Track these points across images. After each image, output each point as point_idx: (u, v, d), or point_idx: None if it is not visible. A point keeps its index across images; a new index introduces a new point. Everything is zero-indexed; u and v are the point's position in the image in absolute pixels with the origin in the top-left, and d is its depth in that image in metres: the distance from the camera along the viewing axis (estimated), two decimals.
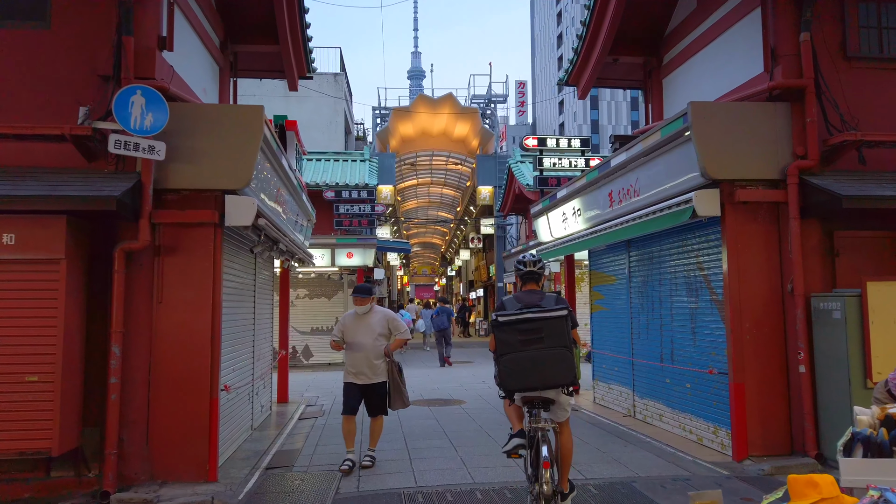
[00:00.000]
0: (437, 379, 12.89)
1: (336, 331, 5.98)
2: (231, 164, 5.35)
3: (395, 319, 5.96)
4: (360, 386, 5.81)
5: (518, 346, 3.96)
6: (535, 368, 3.92)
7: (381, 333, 5.82)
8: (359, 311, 5.88)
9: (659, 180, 6.61)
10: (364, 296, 5.87)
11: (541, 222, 10.93)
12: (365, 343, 5.75)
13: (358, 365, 5.78)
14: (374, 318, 5.87)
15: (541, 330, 3.96)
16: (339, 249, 15.06)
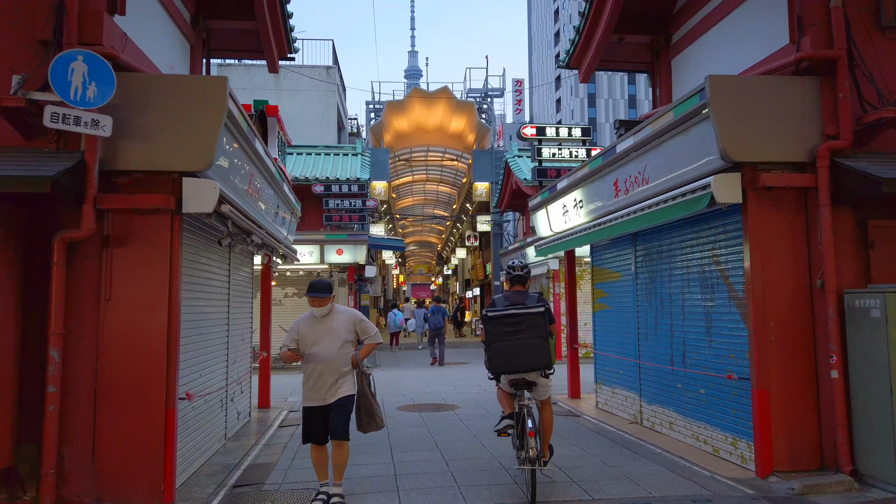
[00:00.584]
0: (430, 381, 12.26)
1: (288, 339, 4.71)
2: (190, 143, 4.71)
3: (362, 320, 4.81)
4: (321, 408, 4.60)
5: (503, 337, 4.85)
6: (517, 354, 4.80)
7: (346, 339, 4.67)
8: (316, 313, 4.69)
9: (671, 166, 5.99)
10: (321, 294, 4.64)
11: (539, 216, 10.30)
12: (327, 352, 4.59)
13: (319, 381, 4.58)
14: (337, 320, 4.69)
15: (522, 323, 4.85)
16: (329, 246, 14.42)
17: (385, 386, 11.62)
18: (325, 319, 4.71)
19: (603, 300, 8.93)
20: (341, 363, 4.63)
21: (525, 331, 4.81)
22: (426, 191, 35.82)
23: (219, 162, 4.99)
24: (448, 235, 44.74)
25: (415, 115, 25.03)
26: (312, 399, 4.66)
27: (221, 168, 5.11)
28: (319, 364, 4.61)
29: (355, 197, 14.99)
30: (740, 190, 5.25)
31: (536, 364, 4.80)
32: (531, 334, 4.81)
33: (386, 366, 15.82)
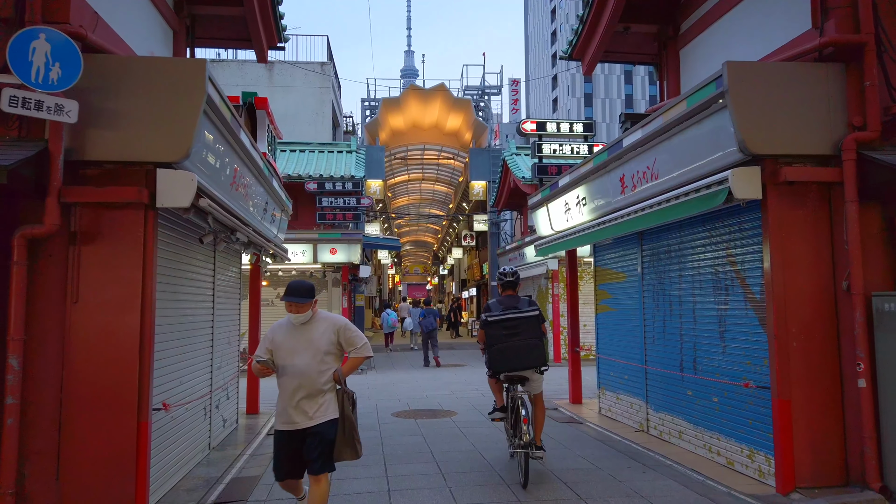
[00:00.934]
0: (427, 385, 11.87)
1: (261, 349, 4.03)
2: (166, 131, 4.32)
3: (347, 328, 4.04)
4: (296, 433, 3.89)
5: (503, 339, 5.39)
6: (515, 355, 5.35)
7: (328, 351, 3.92)
8: (295, 320, 3.96)
9: (683, 160, 5.63)
10: (300, 299, 3.88)
11: (540, 214, 9.93)
12: (305, 366, 3.87)
13: (295, 400, 3.86)
14: (318, 328, 3.97)
15: (518, 326, 5.40)
16: (322, 245, 14.03)
17: (379, 390, 11.24)
18: (305, 328, 3.97)
19: (606, 301, 8.57)
20: (321, 379, 3.90)
21: (521, 333, 5.40)
22: (422, 190, 35.43)
23: (198, 152, 4.60)
24: (444, 235, 44.38)
25: (411, 113, 24.64)
26: (286, 421, 3.90)
27: (201, 159, 4.72)
28: (295, 379, 3.88)
29: (349, 195, 14.60)
30: (760, 185, 4.89)
31: (532, 363, 5.39)
32: (527, 336, 5.41)
33: (381, 368, 15.44)
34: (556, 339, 15.34)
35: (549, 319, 15.74)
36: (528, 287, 18.16)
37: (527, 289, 18.31)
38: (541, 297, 16.70)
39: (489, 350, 5.49)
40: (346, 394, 4.00)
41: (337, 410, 3.95)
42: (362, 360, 4.12)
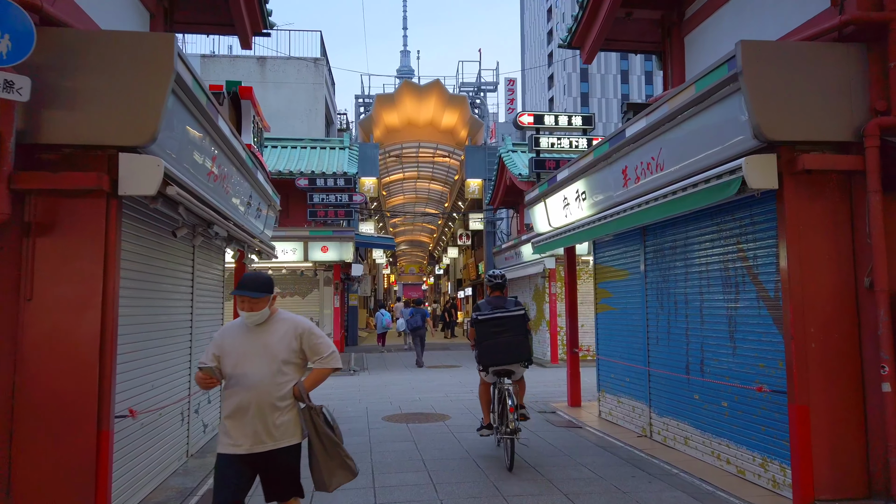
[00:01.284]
0: (420, 387, 11.50)
1: (206, 356, 3.33)
2: (130, 112, 3.94)
3: (312, 333, 3.38)
4: (245, 459, 3.19)
5: (491, 336, 5.85)
6: (503, 350, 5.82)
7: (287, 360, 3.28)
8: (248, 320, 3.29)
9: (691, 149, 5.27)
10: (254, 294, 3.21)
11: (537, 210, 9.58)
12: (257, 377, 3.21)
13: (245, 418, 3.18)
14: (276, 332, 3.31)
15: (506, 324, 5.86)
16: (313, 243, 13.65)
17: (371, 392, 10.86)
18: (260, 330, 3.31)
19: (607, 301, 8.22)
20: (278, 394, 3.22)
21: (508, 331, 5.86)
22: (417, 188, 35.07)
23: (167, 137, 4.22)
24: (440, 234, 44.02)
25: (405, 110, 24.29)
26: (233, 443, 3.18)
27: (172, 145, 4.34)
28: (246, 392, 3.19)
29: (342, 191, 14.22)
30: (776, 174, 4.53)
31: (518, 358, 5.88)
32: (513, 333, 5.87)
33: (373, 368, 15.05)
34: (553, 340, 14.99)
35: (546, 319, 15.41)
36: (525, 286, 17.81)
37: (523, 288, 17.97)
38: (537, 297, 16.35)
39: (479, 346, 5.97)
40: (313, 410, 3.34)
41: (298, 433, 3.33)
42: (328, 374, 3.44)
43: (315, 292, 14.88)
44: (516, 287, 18.75)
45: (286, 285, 14.72)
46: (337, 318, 14.39)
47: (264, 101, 24.07)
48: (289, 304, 14.67)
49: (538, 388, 11.13)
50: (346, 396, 10.36)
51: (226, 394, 3.32)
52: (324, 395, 10.34)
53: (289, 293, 14.80)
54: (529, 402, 9.32)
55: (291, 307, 14.72)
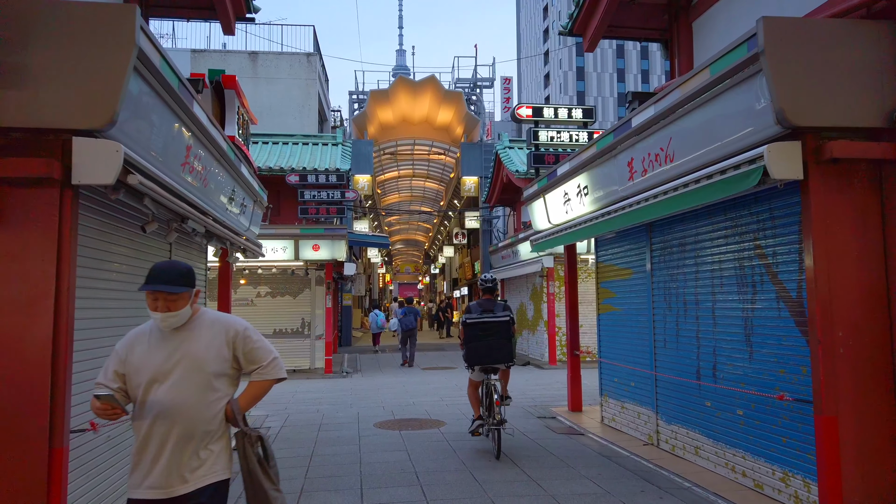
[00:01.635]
0: (414, 390, 11.09)
1: (105, 375, 2.61)
2: (86, 92, 3.52)
3: (248, 337, 2.68)
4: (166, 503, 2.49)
5: (479, 338, 6.38)
6: (489, 352, 6.36)
7: (218, 372, 2.59)
8: (162, 323, 2.55)
9: (705, 137, 4.88)
10: (172, 288, 2.50)
11: (536, 206, 9.19)
12: (180, 397, 2.51)
13: (163, 451, 2.49)
14: (202, 337, 2.60)
15: (492, 328, 6.39)
16: (304, 241, 13.21)
17: (363, 395, 10.45)
18: (180, 336, 2.57)
19: (610, 301, 7.83)
20: (206, 415, 2.52)
21: (494, 334, 6.41)
22: (412, 187, 34.66)
23: (131, 121, 3.80)
24: (435, 234, 43.64)
25: (400, 106, 23.87)
26: (150, 485, 2.48)
27: (135, 130, 3.93)
28: (164, 420, 2.48)
29: (334, 188, 13.79)
30: (801, 162, 4.14)
31: (502, 360, 6.44)
32: (499, 337, 6.42)
33: (367, 370, 14.64)
34: (551, 341, 14.60)
35: (544, 320, 15.03)
36: (522, 286, 17.43)
37: (520, 287, 17.58)
38: (535, 296, 15.96)
39: (467, 346, 6.48)
40: (248, 438, 2.61)
41: (228, 467, 2.61)
42: (269, 387, 2.74)
43: (306, 292, 14.44)
44: (513, 287, 18.36)
45: (276, 285, 14.29)
46: (329, 318, 13.96)
47: (256, 97, 23.63)
48: (280, 304, 14.25)
49: (536, 390, 10.74)
50: (337, 400, 9.95)
51: (137, 425, 2.52)
52: (312, 400, 9.92)
53: (279, 293, 14.36)
54: (528, 406, 8.95)
55: (283, 307, 14.31)
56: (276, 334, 14.11)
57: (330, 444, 6.87)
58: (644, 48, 76.18)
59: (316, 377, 13.31)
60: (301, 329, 14.41)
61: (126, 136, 3.77)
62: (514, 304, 18.15)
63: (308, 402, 9.86)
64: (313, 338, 14.39)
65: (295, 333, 14.36)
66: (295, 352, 14.35)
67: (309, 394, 10.74)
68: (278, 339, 14.15)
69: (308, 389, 11.29)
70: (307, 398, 10.24)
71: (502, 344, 6.39)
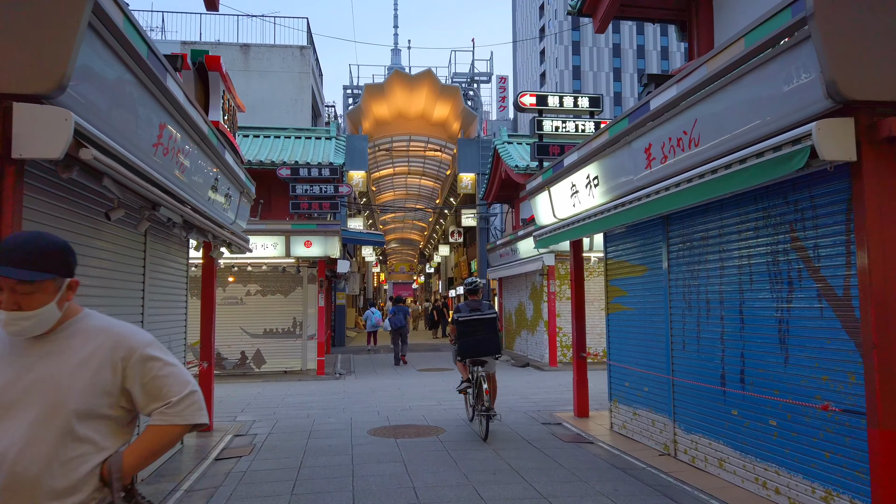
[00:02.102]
0: (410, 393, 10.58)
1: None
2: (31, 50, 3.00)
3: (148, 359, 1.73)
4: None
5: (469, 334, 7.15)
6: (478, 345, 7.13)
7: (88, 410, 1.65)
8: (9, 325, 1.64)
9: (737, 118, 4.39)
10: (22, 273, 1.60)
11: (540, 200, 8.69)
12: (19, 444, 1.57)
13: None
14: (72, 353, 1.69)
15: (481, 324, 7.16)
16: (296, 237, 12.67)
17: (357, 399, 9.92)
18: (39, 349, 1.70)
19: (620, 300, 7.34)
20: (56, 488, 1.59)
21: (482, 330, 7.09)
22: (408, 184, 34.15)
23: (85, 87, 3.28)
24: (431, 232, 43.14)
25: (396, 101, 23.35)
26: None
27: (93, 99, 3.40)
28: None
29: (327, 182, 13.26)
30: (854, 141, 3.66)
31: (490, 352, 7.11)
32: (486, 332, 7.11)
33: (361, 371, 14.12)
34: (552, 342, 14.12)
35: (544, 320, 14.56)
36: (521, 285, 16.95)
37: (519, 287, 17.10)
38: (535, 296, 15.48)
39: (459, 341, 7.19)
40: None
41: None
42: (178, 437, 1.76)
43: (298, 290, 13.90)
44: (512, 286, 17.88)
45: (267, 283, 13.74)
46: (321, 317, 13.43)
47: (247, 91, 23.05)
48: (271, 303, 13.72)
49: (539, 394, 10.25)
50: (328, 405, 9.43)
51: None
52: (303, 404, 9.40)
53: (270, 291, 13.81)
54: (531, 411, 8.45)
55: (274, 306, 13.79)
56: (266, 334, 13.58)
57: (320, 453, 6.36)
58: (640, 48, 75.86)
59: (308, 379, 12.78)
60: (293, 329, 13.87)
61: (80, 105, 3.25)
62: (513, 303, 17.67)
63: (298, 406, 9.34)
64: (305, 338, 13.86)
65: (286, 333, 13.83)
66: (286, 352, 13.81)
67: (300, 397, 10.21)
68: (269, 339, 13.62)
69: (299, 392, 10.76)
70: (298, 402, 9.71)
71: (490, 338, 7.15)
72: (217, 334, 13.84)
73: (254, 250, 12.67)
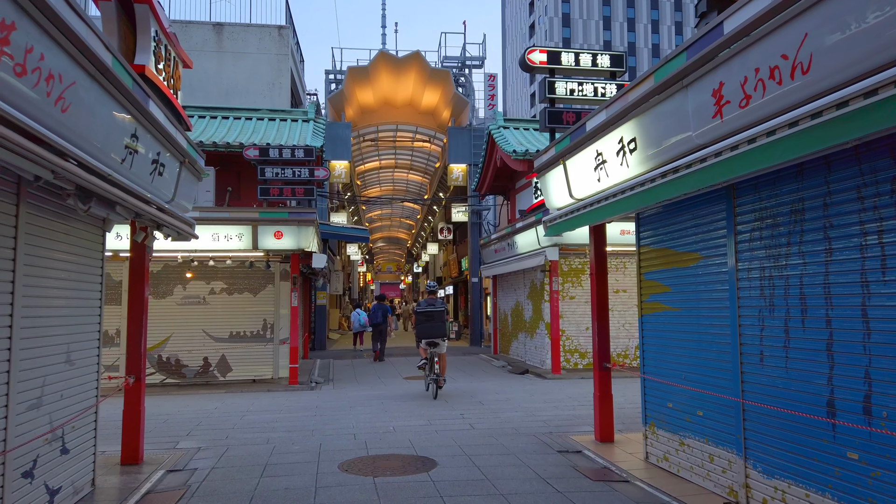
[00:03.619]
0: (394, 408, 9.00)
1: None
2: None
3: None
4: None
5: (424, 321, 10.06)
6: (431, 330, 9.97)
7: None
8: None
9: (882, 25, 2.88)
10: None
11: (552, 178, 7.16)
12: None
13: None
14: None
15: (433, 315, 10.03)
16: (264, 227, 11.05)
17: (331, 417, 8.32)
18: None
19: (660, 297, 5.82)
20: None
21: (434, 319, 10.08)
22: (395, 179, 32.56)
23: None
24: (419, 230, 41.56)
25: (382, 86, 21.77)
26: None
27: None
28: None
29: (301, 164, 11.62)
30: None
31: (439, 334, 10.06)
32: (437, 321, 10.09)
33: (341, 379, 12.51)
34: (554, 346, 12.61)
35: (545, 321, 13.06)
36: (518, 283, 15.44)
37: (515, 286, 15.60)
38: (534, 295, 13.97)
39: (417, 327, 10.14)
40: None
41: None
42: None
43: (269, 288, 12.29)
44: (507, 284, 16.35)
45: (234, 280, 12.12)
46: (294, 319, 11.82)
47: (220, 74, 21.34)
48: (239, 303, 12.08)
49: (547, 410, 8.70)
50: (295, 425, 7.82)
51: None
52: (265, 425, 7.79)
53: (237, 290, 12.18)
54: (541, 433, 6.81)
55: (241, 306, 12.16)
56: (233, 337, 11.95)
57: (273, 500, 4.78)
58: (630, 21, 74.79)
59: (278, 389, 11.17)
60: (263, 332, 12.25)
61: None
62: (509, 303, 16.15)
63: (259, 426, 7.73)
64: (277, 342, 12.24)
65: (255, 337, 12.21)
66: (255, 359, 12.18)
67: (263, 414, 8.60)
68: (236, 343, 11.99)
69: (264, 408, 9.14)
70: (259, 420, 8.10)
71: (439, 325, 10.04)
72: (176, 338, 12.19)
73: (217, 241, 11.06)
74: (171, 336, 11.94)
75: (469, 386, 11.39)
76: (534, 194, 13.76)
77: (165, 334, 11.96)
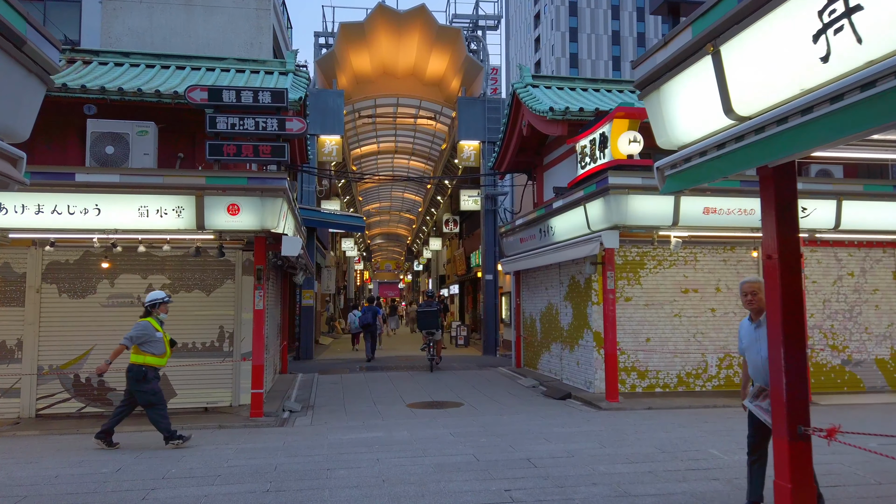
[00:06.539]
0: (396, 468, 5.77)
1: None
2: None
3: None
4: None
5: (423, 318, 14.70)
6: (428, 324, 14.48)
7: None
8: None
9: None
10: None
11: (680, 87, 3.98)
12: None
13: None
14: None
15: (430, 313, 14.65)
16: (213, 198, 7.81)
17: (293, 494, 5.04)
18: None
19: None
20: None
21: (430, 316, 14.39)
22: (394, 166, 29.30)
23: None
24: (420, 224, 38.34)
25: (380, 49, 18.52)
26: None
27: None
28: None
29: (268, 113, 8.40)
30: None
31: (434, 326, 14.27)
32: (433, 317, 14.36)
33: (324, 405, 9.28)
34: (611, 364, 9.38)
35: (593, 330, 9.87)
36: (551, 280, 12.23)
37: (549, 282, 12.38)
38: (575, 295, 10.76)
39: (418, 320, 14.77)
40: None
41: None
42: None
43: (228, 285, 9.10)
44: (534, 282, 13.12)
45: (180, 273, 8.94)
46: (258, 326, 8.60)
47: (189, 31, 18.03)
48: (185, 305, 8.90)
49: (643, 481, 5.41)
50: None
51: None
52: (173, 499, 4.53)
53: (185, 286, 8.99)
54: None
55: (189, 309, 8.96)
56: (178, 351, 8.73)
57: None
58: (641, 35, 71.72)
59: (234, 425, 7.96)
60: (219, 343, 9.07)
61: None
62: (538, 306, 12.92)
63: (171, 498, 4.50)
64: (238, 357, 9.05)
65: (209, 350, 9.03)
66: (208, 379, 9.00)
67: (182, 489, 5.36)
68: (181, 359, 8.79)
69: (188, 472, 5.90)
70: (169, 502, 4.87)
71: (434, 320, 14.24)
72: (100, 351, 8.70)
73: (145, 218, 7.84)
74: (93, 348, 8.73)
75: (498, 422, 8.17)
76: (578, 163, 10.52)
77: (86, 346, 8.75)
